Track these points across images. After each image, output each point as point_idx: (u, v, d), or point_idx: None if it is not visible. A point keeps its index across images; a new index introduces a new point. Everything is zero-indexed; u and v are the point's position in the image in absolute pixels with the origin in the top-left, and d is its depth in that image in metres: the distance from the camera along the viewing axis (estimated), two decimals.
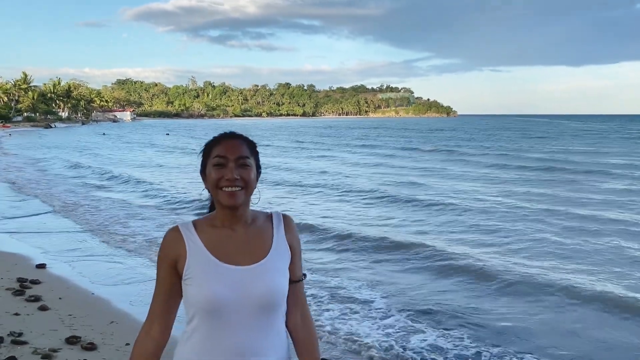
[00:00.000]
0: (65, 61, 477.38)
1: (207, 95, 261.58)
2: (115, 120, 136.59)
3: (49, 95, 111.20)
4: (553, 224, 11.44)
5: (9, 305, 5.90)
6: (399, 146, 42.79)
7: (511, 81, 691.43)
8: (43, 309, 5.84)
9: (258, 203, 1.72)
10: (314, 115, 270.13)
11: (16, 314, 5.63)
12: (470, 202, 14.30)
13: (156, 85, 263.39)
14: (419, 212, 13.20)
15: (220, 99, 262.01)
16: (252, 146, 1.66)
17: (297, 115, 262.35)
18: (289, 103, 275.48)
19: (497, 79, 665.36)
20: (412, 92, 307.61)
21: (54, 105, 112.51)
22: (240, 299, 1.54)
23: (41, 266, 7.72)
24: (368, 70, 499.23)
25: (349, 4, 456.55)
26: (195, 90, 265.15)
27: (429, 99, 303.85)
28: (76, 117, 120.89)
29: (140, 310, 6.04)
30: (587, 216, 12.17)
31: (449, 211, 13.14)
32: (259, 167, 1.68)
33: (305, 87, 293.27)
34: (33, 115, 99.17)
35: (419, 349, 5.32)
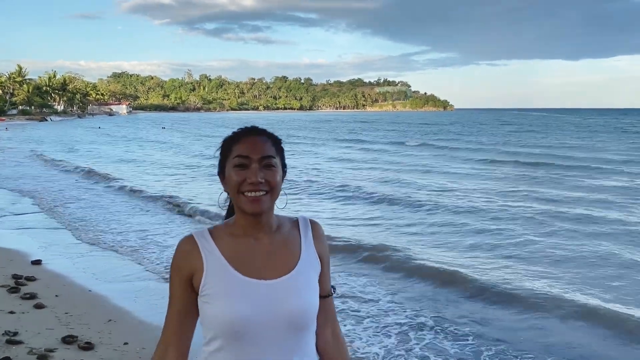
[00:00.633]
0: (61, 54, 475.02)
1: (203, 88, 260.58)
2: (111, 114, 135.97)
3: (44, 88, 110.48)
4: (535, 226, 10.69)
5: (3, 303, 5.76)
6: (385, 140, 42.11)
7: (508, 75, 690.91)
8: (39, 307, 5.70)
9: (284, 207, 1.52)
10: (311, 109, 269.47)
11: (11, 312, 5.49)
12: (444, 200, 13.54)
13: (152, 78, 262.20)
14: (382, 211, 12.60)
15: (217, 92, 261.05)
16: (277, 143, 1.46)
17: (294, 109, 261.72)
18: (286, 97, 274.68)
19: (494, 72, 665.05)
20: (409, 86, 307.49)
21: (49, 98, 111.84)
22: (267, 318, 1.35)
23: (37, 262, 7.58)
24: (365, 64, 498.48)
25: None
26: (191, 83, 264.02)
27: (425, 93, 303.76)
28: (72, 110, 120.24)
29: (139, 307, 5.90)
30: (568, 215, 11.58)
31: (419, 209, 12.54)
32: (284, 166, 1.48)
33: (302, 81, 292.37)
34: (28, 108, 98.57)
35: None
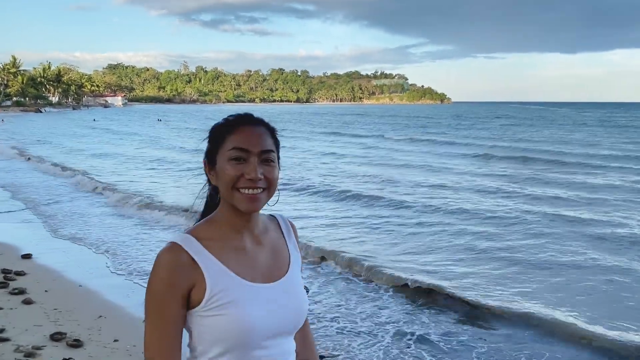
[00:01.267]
0: (56, 45, 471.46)
1: (199, 80, 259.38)
2: (106, 106, 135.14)
3: (38, 79, 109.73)
4: (512, 230, 9.90)
5: None
6: (370, 134, 41.62)
7: (506, 68, 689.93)
8: (27, 302, 5.59)
9: (274, 206, 1.40)
10: (307, 101, 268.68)
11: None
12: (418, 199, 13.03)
13: (148, 70, 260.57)
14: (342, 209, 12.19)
15: (213, 84, 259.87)
16: (274, 136, 1.36)
17: (291, 101, 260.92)
18: (283, 89, 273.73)
19: (492, 65, 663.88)
20: (407, 79, 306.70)
21: (44, 89, 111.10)
22: (278, 322, 1.29)
23: (27, 256, 7.45)
24: (362, 56, 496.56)
25: None
26: (187, 75, 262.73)
27: (423, 86, 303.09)
28: (67, 102, 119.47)
29: (130, 303, 5.79)
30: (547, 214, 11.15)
31: (382, 207, 12.10)
32: (279, 159, 1.37)
33: (299, 73, 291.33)
34: (23, 99, 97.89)
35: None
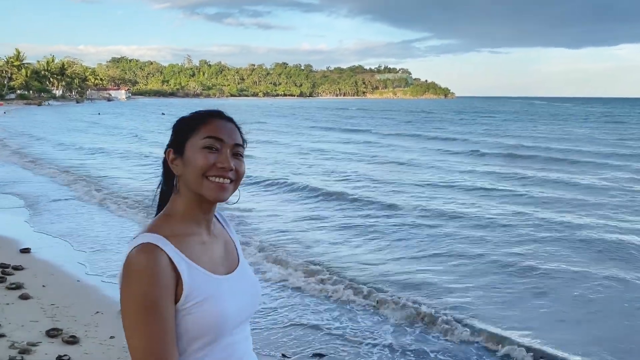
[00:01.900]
0: (59, 38, 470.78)
1: (203, 74, 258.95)
2: (109, 99, 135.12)
3: (42, 72, 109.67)
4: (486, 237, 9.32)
5: None
6: (361, 129, 41.24)
7: (510, 62, 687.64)
8: (24, 297, 5.54)
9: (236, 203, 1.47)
10: (311, 95, 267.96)
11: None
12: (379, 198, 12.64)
13: (151, 63, 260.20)
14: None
15: (216, 78, 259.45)
16: (242, 135, 1.42)
17: (294, 96, 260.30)
18: (286, 83, 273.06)
19: (496, 60, 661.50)
20: (410, 73, 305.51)
21: (47, 83, 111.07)
22: (244, 308, 1.36)
23: (25, 250, 7.41)
24: (366, 51, 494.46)
25: None
26: (191, 69, 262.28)
27: (426, 80, 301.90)
28: (70, 95, 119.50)
29: None
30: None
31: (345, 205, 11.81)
32: None
33: (302, 67, 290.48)
34: (26, 93, 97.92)
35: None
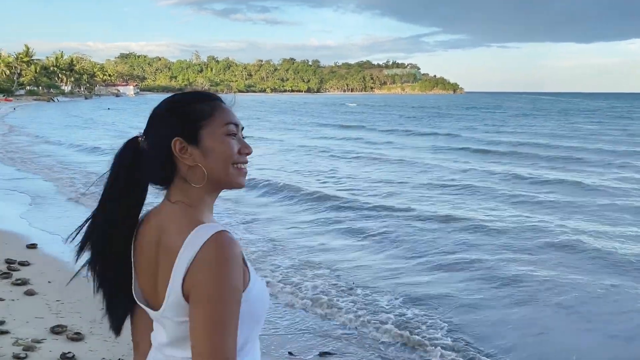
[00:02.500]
0: (68, 34, 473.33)
1: (211, 70, 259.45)
2: (118, 95, 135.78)
3: (51, 68, 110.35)
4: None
5: None
6: (355, 124, 40.98)
7: (519, 58, 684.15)
8: (30, 293, 5.51)
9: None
10: (318, 91, 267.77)
11: (0, 300, 5.29)
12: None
13: (160, 59, 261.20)
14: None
15: (224, 74, 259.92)
16: None
17: (302, 91, 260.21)
18: (294, 79, 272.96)
19: (505, 55, 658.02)
20: (419, 69, 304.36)
21: (56, 79, 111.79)
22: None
23: (32, 246, 7.38)
24: (374, 46, 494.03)
25: None
26: (199, 64, 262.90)
27: (435, 76, 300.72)
28: (79, 91, 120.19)
29: None
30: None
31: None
32: None
33: (310, 63, 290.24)
34: (35, 89, 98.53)
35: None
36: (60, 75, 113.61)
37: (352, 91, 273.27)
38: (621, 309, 6.02)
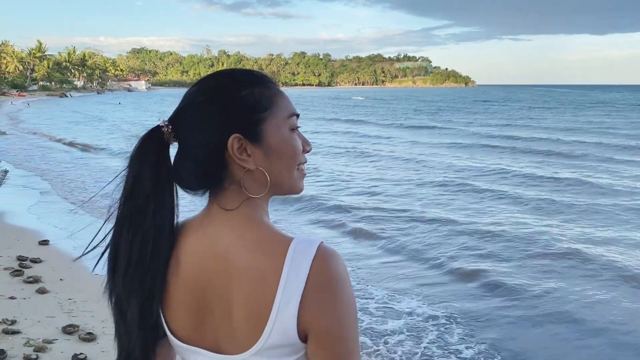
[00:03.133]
0: (80, 30, 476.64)
1: (222, 64, 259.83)
2: (130, 90, 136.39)
3: (64, 64, 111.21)
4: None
5: (5, 288, 5.47)
6: (357, 119, 40.43)
7: (532, 50, 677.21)
8: (41, 291, 5.41)
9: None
10: (329, 85, 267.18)
11: (12, 298, 5.20)
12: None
13: (171, 54, 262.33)
14: None
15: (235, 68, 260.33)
16: None
17: (313, 85, 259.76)
18: (305, 73, 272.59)
19: (518, 47, 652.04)
20: (430, 62, 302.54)
21: (69, 74, 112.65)
22: None
23: (44, 242, 7.30)
24: (385, 39, 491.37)
25: None
26: (209, 59, 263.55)
27: (447, 69, 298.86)
28: (91, 86, 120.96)
29: None
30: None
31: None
32: None
33: (321, 56, 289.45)
34: (48, 84, 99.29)
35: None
36: (72, 70, 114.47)
37: (363, 85, 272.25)
38: None
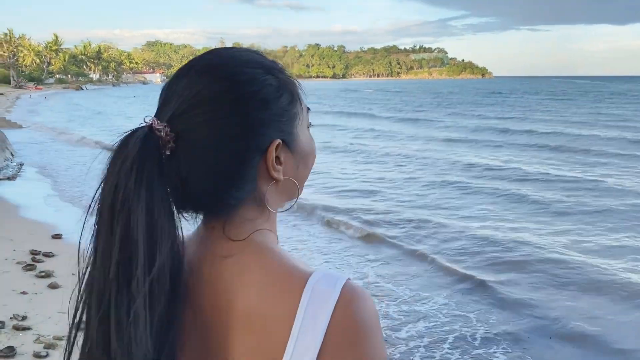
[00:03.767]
0: (96, 23, 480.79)
1: None
2: (145, 82, 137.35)
3: (79, 57, 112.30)
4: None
5: (17, 282, 5.43)
6: (361, 112, 39.90)
7: (550, 41, 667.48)
8: (53, 287, 5.35)
9: None
10: (344, 77, 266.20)
11: (23, 293, 5.15)
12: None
13: (185, 47, 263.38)
14: None
15: None
16: None
17: (327, 77, 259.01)
18: (319, 65, 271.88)
19: (536, 38, 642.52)
20: (446, 53, 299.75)
21: (84, 67, 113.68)
22: None
23: (57, 236, 7.27)
24: (400, 30, 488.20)
25: None
26: None
27: (463, 60, 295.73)
28: (107, 79, 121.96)
29: None
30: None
31: None
32: None
33: (335, 48, 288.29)
34: (64, 77, 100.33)
35: None
36: (88, 63, 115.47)
37: (378, 76, 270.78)
38: None
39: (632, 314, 5.62)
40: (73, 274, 0.63)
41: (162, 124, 0.71)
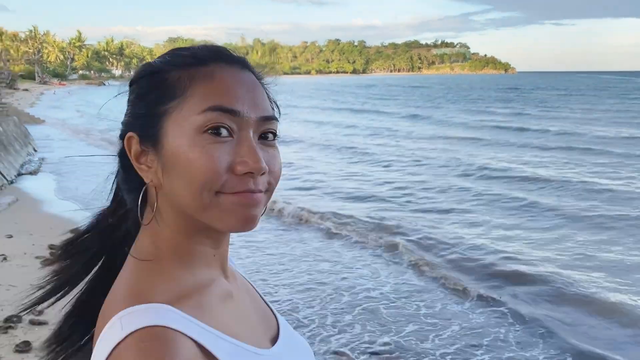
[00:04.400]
0: (118, 19, 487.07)
1: (257, 52, 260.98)
2: None
3: (102, 53, 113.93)
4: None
5: (35, 277, 5.45)
6: (368, 109, 39.25)
7: (575, 35, 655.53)
8: None
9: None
10: (364, 72, 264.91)
11: (40, 288, 5.18)
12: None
13: (206, 43, 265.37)
14: None
15: (270, 56, 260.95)
16: (271, 97, 0.74)
17: (347, 72, 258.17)
18: (339, 60, 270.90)
19: (560, 33, 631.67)
20: (469, 48, 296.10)
21: (107, 63, 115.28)
22: None
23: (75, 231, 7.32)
24: (422, 25, 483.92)
25: None
26: (244, 47, 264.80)
27: (485, 55, 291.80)
28: (129, 75, 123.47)
29: None
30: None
31: None
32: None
33: (355, 43, 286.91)
34: (87, 73, 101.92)
35: None
36: (110, 59, 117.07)
37: (398, 72, 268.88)
38: None
39: None
40: None
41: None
